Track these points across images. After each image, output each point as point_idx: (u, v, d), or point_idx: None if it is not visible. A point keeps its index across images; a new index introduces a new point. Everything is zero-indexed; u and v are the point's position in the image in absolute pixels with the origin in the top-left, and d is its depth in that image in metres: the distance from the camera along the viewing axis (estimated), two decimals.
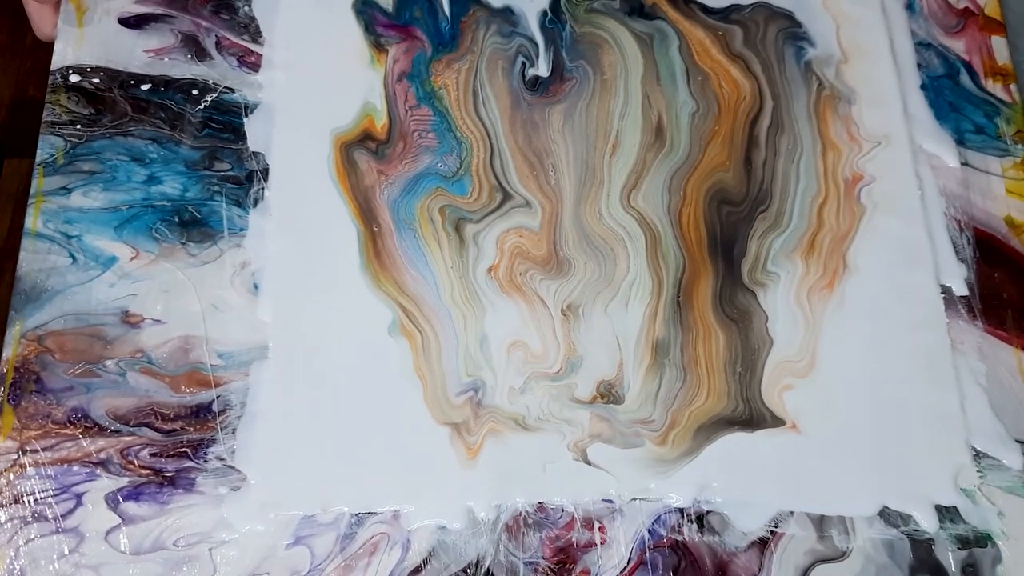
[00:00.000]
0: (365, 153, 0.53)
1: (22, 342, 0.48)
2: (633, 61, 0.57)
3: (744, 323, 0.51)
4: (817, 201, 0.54)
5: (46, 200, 0.52)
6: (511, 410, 0.48)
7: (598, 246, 0.52)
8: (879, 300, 0.51)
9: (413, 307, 0.50)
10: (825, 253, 0.52)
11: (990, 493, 0.48)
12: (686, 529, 0.46)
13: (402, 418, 0.48)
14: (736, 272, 0.52)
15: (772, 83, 0.57)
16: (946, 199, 0.54)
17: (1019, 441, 0.49)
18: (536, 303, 0.50)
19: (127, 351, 0.48)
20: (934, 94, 0.57)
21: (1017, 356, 0.51)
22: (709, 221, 0.53)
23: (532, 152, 0.54)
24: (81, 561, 0.44)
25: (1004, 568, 0.46)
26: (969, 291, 0.52)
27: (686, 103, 0.56)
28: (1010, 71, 0.58)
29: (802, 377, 0.50)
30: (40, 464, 0.46)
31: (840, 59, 0.58)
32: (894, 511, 0.47)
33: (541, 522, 0.46)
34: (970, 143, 0.56)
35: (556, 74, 0.56)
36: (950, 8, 0.60)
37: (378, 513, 0.46)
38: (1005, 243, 0.53)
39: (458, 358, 0.49)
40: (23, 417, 0.47)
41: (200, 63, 0.55)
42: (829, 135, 0.55)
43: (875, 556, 0.46)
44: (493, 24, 0.57)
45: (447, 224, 0.52)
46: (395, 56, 0.56)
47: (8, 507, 0.45)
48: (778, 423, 0.49)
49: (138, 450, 0.47)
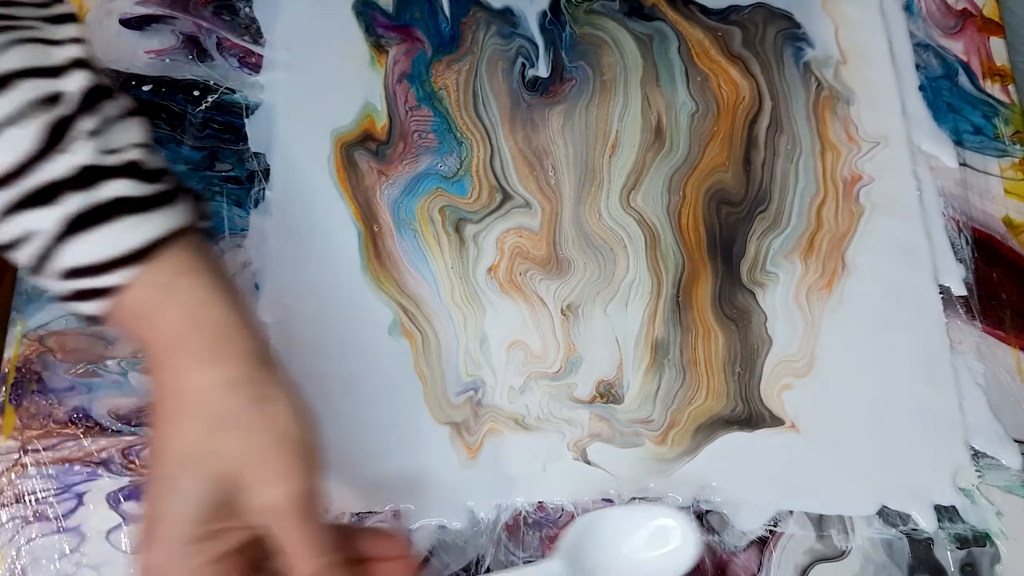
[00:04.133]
0: (365, 154, 0.54)
1: (24, 342, 0.48)
2: (633, 62, 0.57)
3: (743, 323, 0.51)
4: (816, 201, 0.54)
5: None
6: (511, 410, 0.48)
7: (598, 246, 0.52)
8: (878, 300, 0.51)
9: (413, 307, 0.50)
10: (824, 253, 0.53)
11: (988, 492, 0.48)
12: None
13: (402, 418, 0.48)
14: (735, 272, 0.52)
15: (771, 84, 0.57)
16: (944, 199, 0.54)
17: (1017, 441, 0.49)
18: (536, 303, 0.51)
19: (128, 351, 0.48)
20: (932, 95, 0.57)
21: (1015, 356, 0.51)
22: (708, 221, 0.53)
23: (532, 152, 0.54)
24: (82, 560, 0.44)
25: (1003, 567, 0.46)
26: (967, 291, 0.52)
27: (685, 104, 0.56)
28: (1008, 72, 0.58)
29: (801, 377, 0.50)
30: (41, 464, 0.46)
31: (839, 60, 0.58)
32: (893, 510, 0.47)
33: (541, 521, 0.46)
34: (968, 144, 0.56)
35: (556, 75, 0.56)
36: (948, 9, 0.60)
37: (378, 512, 0.46)
38: (1003, 243, 0.54)
39: (458, 358, 0.49)
40: (25, 417, 0.47)
41: (201, 64, 0.55)
42: (828, 136, 0.56)
43: (874, 555, 0.46)
44: (493, 25, 0.58)
45: (447, 224, 0.52)
46: (395, 57, 0.56)
47: (10, 506, 0.45)
48: (777, 423, 0.49)
49: (139, 449, 0.47)
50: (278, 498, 0.34)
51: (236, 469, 0.34)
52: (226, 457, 0.34)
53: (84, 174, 0.35)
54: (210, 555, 0.34)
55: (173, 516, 0.34)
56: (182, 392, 0.35)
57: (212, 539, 0.34)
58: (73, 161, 0.35)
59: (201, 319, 0.35)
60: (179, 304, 0.35)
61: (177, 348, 0.35)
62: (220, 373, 0.35)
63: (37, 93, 0.35)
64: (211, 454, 0.34)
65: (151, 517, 0.34)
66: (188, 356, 0.35)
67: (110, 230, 0.35)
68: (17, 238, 0.35)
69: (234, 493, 0.34)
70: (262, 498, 0.34)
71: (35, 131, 0.34)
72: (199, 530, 0.33)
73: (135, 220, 0.35)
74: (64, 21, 0.37)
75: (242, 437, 0.34)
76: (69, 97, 0.35)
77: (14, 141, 0.34)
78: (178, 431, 0.34)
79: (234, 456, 0.34)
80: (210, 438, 0.34)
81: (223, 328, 0.35)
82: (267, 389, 0.35)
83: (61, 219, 0.34)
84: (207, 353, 0.35)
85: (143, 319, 0.36)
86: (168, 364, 0.35)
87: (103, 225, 0.35)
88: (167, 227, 0.36)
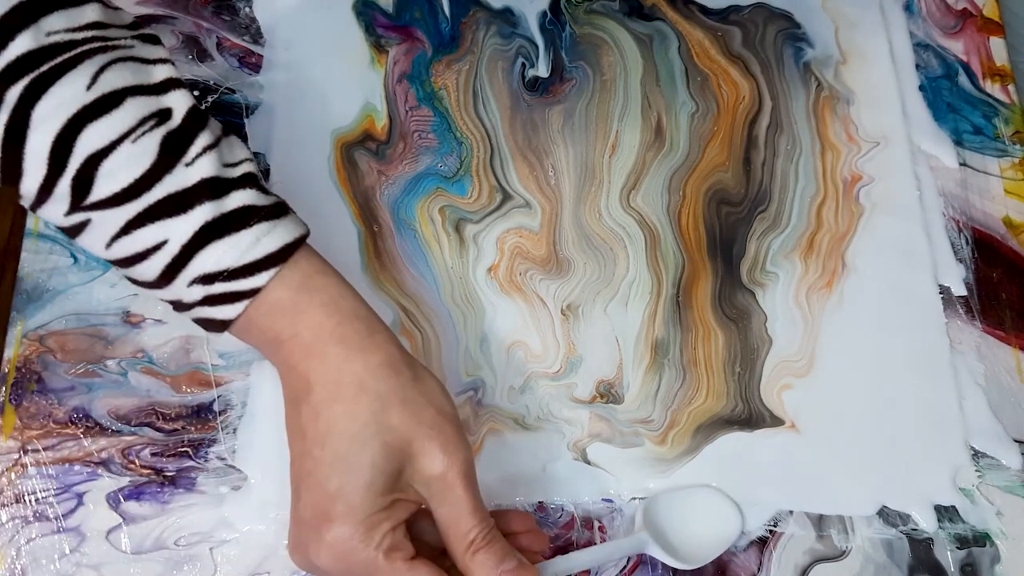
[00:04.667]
0: (365, 153, 0.54)
1: (24, 342, 0.48)
2: (633, 62, 0.57)
3: (743, 323, 0.51)
4: (816, 201, 0.54)
5: None
6: (511, 409, 0.48)
7: (598, 246, 0.52)
8: (878, 300, 0.51)
9: (413, 307, 0.50)
10: (824, 253, 0.53)
11: (989, 492, 0.48)
12: None
13: None
14: (735, 272, 0.52)
15: (771, 84, 0.57)
16: (944, 199, 0.54)
17: (1017, 441, 0.49)
18: (536, 303, 0.51)
19: (128, 351, 0.48)
20: (932, 95, 0.57)
21: (1015, 356, 0.51)
22: (708, 221, 0.53)
23: (532, 152, 0.54)
24: (82, 561, 0.44)
25: (1003, 567, 0.46)
26: (967, 291, 0.52)
27: (685, 104, 0.56)
28: (1008, 72, 0.58)
29: (801, 377, 0.50)
30: (41, 464, 0.46)
31: (839, 60, 0.58)
32: (893, 510, 0.47)
33: (541, 521, 0.46)
34: (968, 144, 0.56)
35: (556, 75, 0.56)
36: (948, 9, 0.60)
37: None
38: (1003, 243, 0.54)
39: (458, 358, 0.49)
40: (25, 417, 0.47)
41: (201, 64, 0.55)
42: (828, 136, 0.56)
43: (874, 555, 0.46)
44: (493, 25, 0.58)
45: (447, 224, 0.52)
46: (395, 57, 0.56)
47: (9, 506, 0.45)
48: (777, 423, 0.49)
49: (139, 450, 0.47)
50: (447, 466, 0.37)
51: (408, 441, 0.37)
52: (398, 430, 0.37)
53: (212, 185, 0.37)
54: (390, 525, 0.36)
55: (352, 491, 0.36)
56: (341, 377, 0.37)
57: (388, 510, 0.36)
58: (200, 173, 0.37)
59: (344, 312, 0.38)
60: (321, 300, 0.38)
61: (328, 339, 0.38)
62: (377, 357, 0.38)
63: (148, 109, 0.37)
64: (384, 428, 0.36)
65: (324, 497, 0.36)
66: (341, 345, 0.38)
67: (248, 235, 0.37)
68: (148, 248, 0.37)
69: (404, 465, 0.37)
70: (432, 467, 0.37)
71: (153, 145, 0.36)
72: (379, 501, 0.36)
73: (267, 226, 0.38)
74: (152, 42, 0.39)
75: (409, 412, 0.37)
76: (176, 113, 0.37)
77: (135, 156, 0.36)
78: (347, 411, 0.37)
79: (404, 429, 0.37)
80: (382, 414, 0.37)
81: (366, 318, 0.39)
82: (418, 369, 0.39)
83: (196, 227, 0.37)
84: (358, 341, 0.38)
85: (285, 316, 0.38)
86: (319, 354, 0.38)
87: (239, 231, 0.37)
88: (296, 233, 0.39)
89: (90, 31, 0.36)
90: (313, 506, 0.36)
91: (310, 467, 0.37)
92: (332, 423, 0.37)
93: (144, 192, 0.36)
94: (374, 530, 0.35)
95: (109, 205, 0.36)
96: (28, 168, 0.36)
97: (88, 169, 0.36)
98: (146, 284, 0.39)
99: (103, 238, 0.37)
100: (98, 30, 0.37)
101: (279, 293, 0.38)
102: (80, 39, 0.36)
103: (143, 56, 0.38)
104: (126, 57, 0.37)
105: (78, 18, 0.36)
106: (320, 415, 0.37)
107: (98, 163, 0.36)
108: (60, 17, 0.36)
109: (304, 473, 0.37)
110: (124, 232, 0.37)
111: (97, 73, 0.36)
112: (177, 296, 0.39)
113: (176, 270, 0.37)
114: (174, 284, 0.38)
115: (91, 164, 0.36)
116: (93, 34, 0.36)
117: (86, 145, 0.36)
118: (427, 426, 0.37)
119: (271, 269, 0.38)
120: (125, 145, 0.36)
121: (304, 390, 0.38)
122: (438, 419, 0.37)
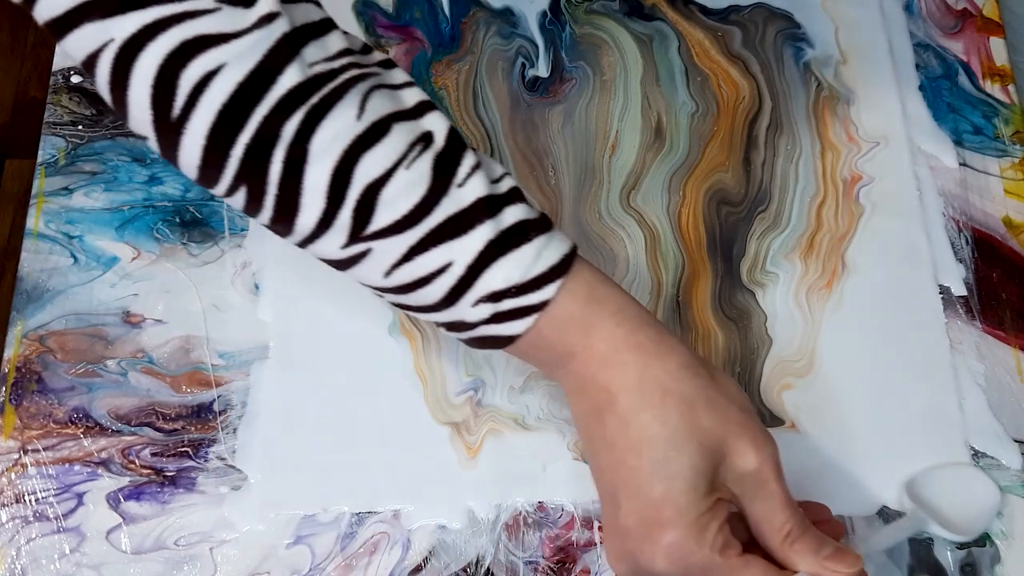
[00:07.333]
0: None
1: (24, 342, 0.49)
2: (633, 62, 0.57)
3: (743, 323, 0.51)
4: (816, 201, 0.54)
5: (48, 200, 0.52)
6: (511, 409, 0.48)
7: (598, 246, 0.52)
8: (878, 300, 0.51)
9: None
10: (824, 253, 0.53)
11: None
12: None
13: (402, 418, 0.48)
14: (735, 272, 0.52)
15: (771, 84, 0.57)
16: (944, 199, 0.54)
17: (1017, 441, 0.49)
18: None
19: (128, 351, 0.49)
20: (932, 95, 0.57)
21: (1015, 356, 0.51)
22: (708, 221, 0.53)
23: (532, 152, 0.54)
24: (82, 560, 0.44)
25: (1003, 567, 0.46)
26: (967, 291, 0.52)
27: (685, 104, 0.56)
28: (1008, 72, 0.58)
29: (801, 377, 0.50)
30: (41, 464, 0.46)
31: (839, 60, 0.58)
32: (893, 511, 0.47)
33: (541, 521, 0.46)
34: (968, 144, 0.56)
35: (556, 75, 0.57)
36: (948, 9, 0.60)
37: (378, 512, 0.46)
38: (1003, 243, 0.54)
39: (458, 357, 0.49)
40: (25, 417, 0.47)
41: None
42: (828, 136, 0.56)
43: (874, 555, 0.46)
44: (493, 25, 0.58)
45: None
46: (395, 57, 0.56)
47: (9, 506, 0.45)
48: (777, 422, 0.49)
49: (139, 450, 0.47)
50: (760, 463, 0.37)
51: (720, 440, 0.36)
52: (709, 431, 0.36)
53: (487, 203, 0.37)
54: (718, 524, 0.36)
55: (678, 494, 0.36)
56: (643, 384, 0.37)
57: (713, 510, 0.36)
58: (474, 193, 0.37)
59: (633, 320, 0.38)
60: (610, 310, 0.38)
61: (623, 348, 0.37)
62: (673, 360, 0.37)
63: (413, 134, 0.36)
64: (697, 429, 0.36)
65: (649, 505, 0.36)
66: (637, 352, 0.37)
67: (530, 249, 0.37)
68: (432, 272, 0.37)
69: (719, 464, 0.37)
70: (745, 464, 0.37)
71: (426, 170, 0.36)
72: (704, 502, 0.36)
73: (544, 239, 0.37)
74: (390, 66, 0.39)
75: (716, 411, 0.37)
76: (437, 136, 0.37)
77: (412, 182, 0.36)
78: (656, 417, 0.36)
79: (715, 429, 0.36)
80: (691, 416, 0.36)
81: (654, 324, 0.38)
82: (712, 368, 0.39)
83: (481, 246, 0.36)
84: (652, 347, 0.37)
85: (578, 329, 0.38)
86: (617, 363, 0.37)
87: (520, 247, 0.37)
88: (568, 243, 0.38)
89: (342, 59, 0.36)
90: (638, 514, 0.36)
91: (626, 476, 0.37)
92: (644, 430, 0.36)
93: (424, 217, 0.36)
94: (705, 530, 0.36)
95: (391, 233, 0.36)
96: (306, 203, 0.35)
97: (368, 199, 0.35)
98: (422, 308, 0.39)
99: (382, 267, 0.37)
100: (349, 57, 0.36)
101: (568, 305, 0.38)
102: (338, 68, 0.36)
103: (392, 81, 0.38)
104: (380, 84, 0.37)
105: (329, 47, 0.36)
106: (630, 423, 0.37)
107: (377, 192, 0.35)
108: (316, 47, 0.35)
109: (620, 483, 0.37)
110: (406, 259, 0.37)
111: (362, 102, 0.35)
112: (459, 317, 0.38)
113: (461, 291, 0.37)
114: (457, 305, 0.37)
115: (371, 193, 0.35)
116: (346, 62, 0.36)
117: (364, 175, 0.35)
118: (735, 424, 0.37)
119: (556, 281, 0.37)
120: (400, 172, 0.36)
121: (607, 400, 0.37)
122: (743, 416, 0.37)
